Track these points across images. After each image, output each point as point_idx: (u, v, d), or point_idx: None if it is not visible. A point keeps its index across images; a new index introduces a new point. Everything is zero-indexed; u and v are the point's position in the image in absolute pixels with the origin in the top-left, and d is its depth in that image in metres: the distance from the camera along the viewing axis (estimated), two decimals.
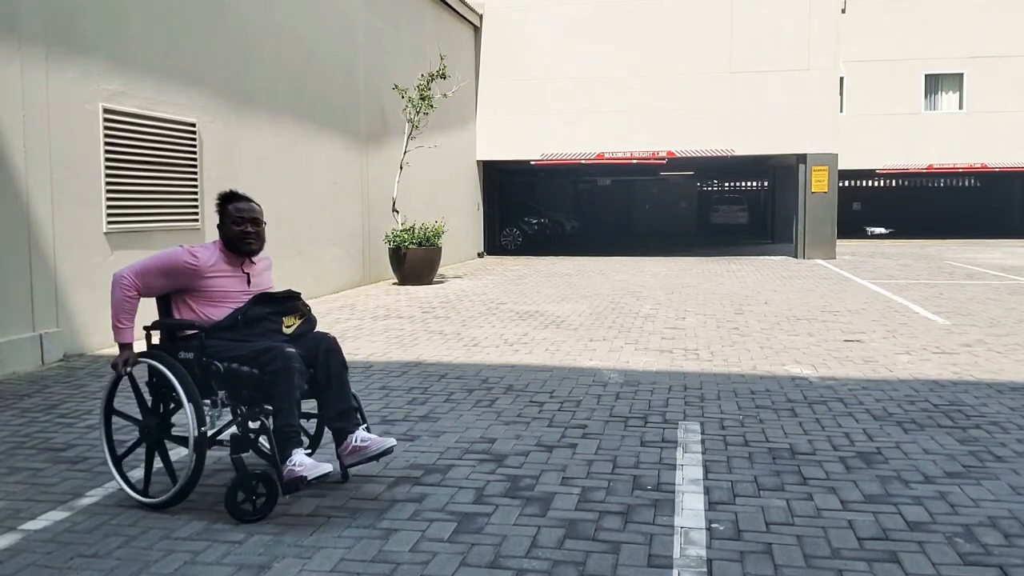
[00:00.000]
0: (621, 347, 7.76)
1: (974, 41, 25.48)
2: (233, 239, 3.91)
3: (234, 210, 3.93)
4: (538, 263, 18.52)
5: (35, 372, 6.83)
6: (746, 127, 19.00)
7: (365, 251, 13.84)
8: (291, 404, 3.57)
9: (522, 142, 20.08)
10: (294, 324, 3.88)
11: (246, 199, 4.01)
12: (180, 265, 3.82)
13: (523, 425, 5.07)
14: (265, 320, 3.81)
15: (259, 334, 3.76)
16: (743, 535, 3.37)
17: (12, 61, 6.82)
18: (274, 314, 3.85)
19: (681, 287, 13.08)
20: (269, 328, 3.79)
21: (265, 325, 3.80)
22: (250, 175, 10.26)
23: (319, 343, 3.84)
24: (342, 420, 3.78)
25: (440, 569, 3.08)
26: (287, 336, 3.81)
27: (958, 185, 34.46)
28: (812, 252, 19.01)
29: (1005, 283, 13.23)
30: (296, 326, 3.88)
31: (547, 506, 3.70)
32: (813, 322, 9.22)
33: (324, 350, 3.81)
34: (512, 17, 19.99)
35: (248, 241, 3.93)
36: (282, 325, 3.84)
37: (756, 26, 18.87)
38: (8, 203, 6.79)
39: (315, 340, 3.85)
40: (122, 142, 8.02)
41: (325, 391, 3.82)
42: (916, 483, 3.97)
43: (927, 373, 6.50)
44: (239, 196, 4.00)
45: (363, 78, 13.71)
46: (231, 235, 3.91)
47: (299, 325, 3.89)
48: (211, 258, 3.89)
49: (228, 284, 3.90)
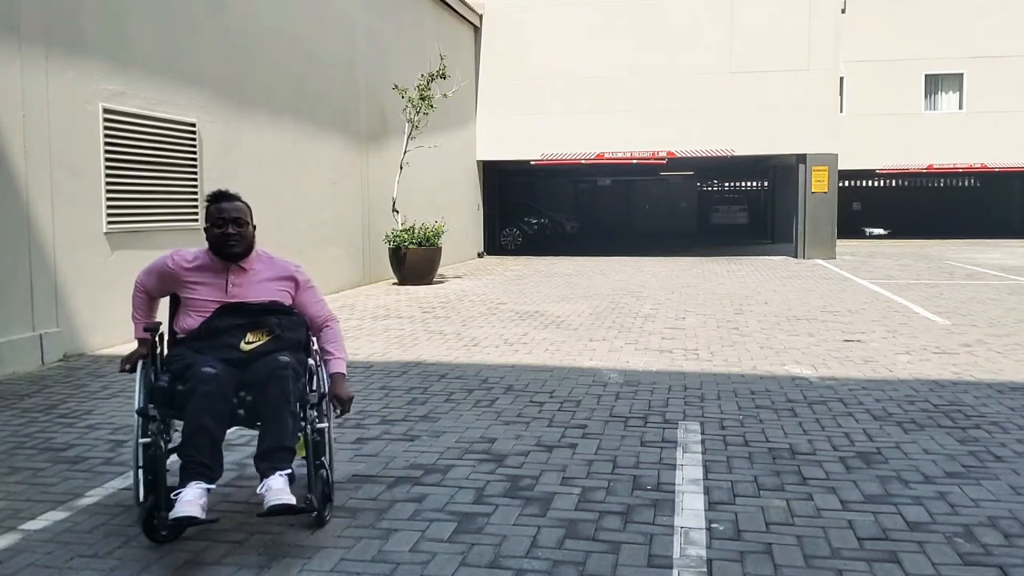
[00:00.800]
0: (621, 347, 7.76)
1: (974, 41, 25.47)
2: (213, 242, 3.61)
3: (216, 210, 3.62)
4: (538, 263, 18.52)
5: (35, 372, 6.83)
6: (746, 127, 19.00)
7: (365, 251, 13.84)
8: (195, 430, 3.20)
9: (522, 142, 20.08)
10: (256, 342, 3.48)
11: (232, 198, 3.68)
12: (161, 266, 3.67)
13: (523, 425, 5.07)
14: (226, 333, 3.48)
15: (217, 347, 3.45)
16: (743, 535, 3.37)
17: (12, 61, 6.82)
18: (237, 328, 3.50)
19: (681, 287, 13.08)
20: (228, 343, 3.47)
21: (225, 339, 3.48)
22: (250, 175, 10.26)
23: (267, 367, 3.39)
24: (263, 460, 3.29)
25: (440, 569, 3.08)
26: (243, 354, 3.45)
27: (958, 185, 34.46)
28: (812, 252, 19.01)
29: (1005, 283, 13.23)
30: (257, 344, 3.48)
31: (547, 506, 3.70)
32: (813, 322, 9.22)
33: (266, 375, 3.36)
34: (512, 17, 19.99)
35: (230, 244, 3.58)
36: (242, 341, 3.48)
37: (756, 26, 18.87)
38: (8, 203, 6.79)
39: (266, 363, 3.40)
40: (122, 142, 8.02)
41: (260, 423, 3.39)
42: (916, 483, 3.97)
43: (927, 373, 6.50)
44: (225, 195, 3.68)
45: (363, 78, 13.71)
46: (211, 238, 3.61)
47: (262, 343, 3.48)
48: (193, 263, 3.64)
49: (203, 292, 3.61)
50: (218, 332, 3.50)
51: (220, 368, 3.34)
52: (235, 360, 3.45)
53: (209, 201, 3.66)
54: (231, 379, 3.38)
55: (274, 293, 3.67)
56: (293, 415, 3.34)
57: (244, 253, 3.63)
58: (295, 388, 3.37)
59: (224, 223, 3.58)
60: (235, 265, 3.63)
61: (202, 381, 3.26)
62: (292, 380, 3.36)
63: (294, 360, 3.45)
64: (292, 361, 3.42)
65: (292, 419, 3.33)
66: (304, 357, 3.64)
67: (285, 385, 3.33)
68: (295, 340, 3.59)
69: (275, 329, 3.54)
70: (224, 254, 3.60)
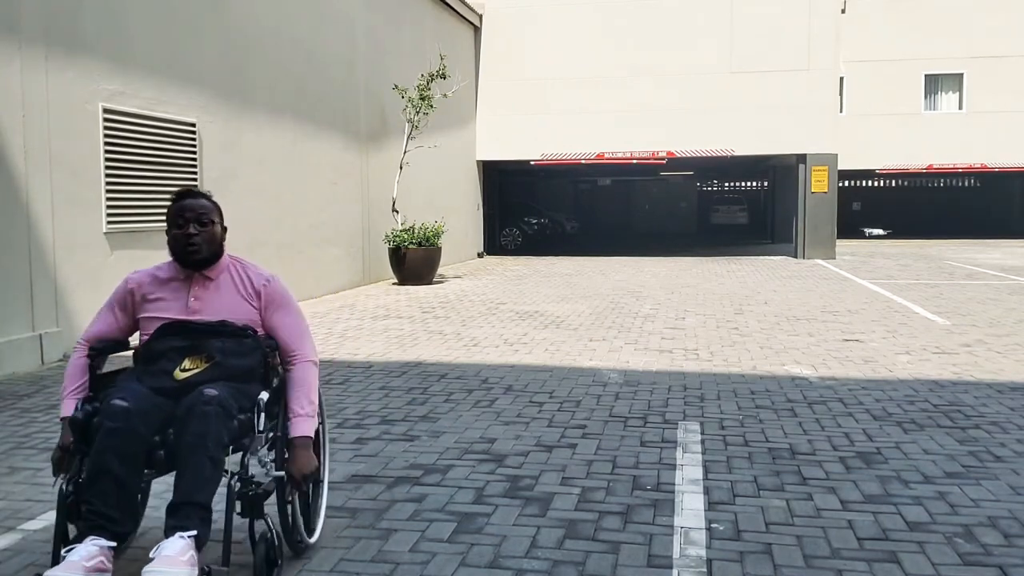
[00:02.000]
0: (621, 347, 7.76)
1: (974, 41, 25.48)
2: (173, 245, 3.08)
3: (176, 209, 3.10)
4: (538, 263, 18.52)
5: (35, 372, 6.83)
6: (746, 127, 19.00)
7: (365, 251, 13.84)
8: (97, 473, 2.66)
9: (522, 142, 20.08)
10: (193, 369, 2.92)
11: (197, 195, 3.16)
12: (120, 295, 3.12)
13: (523, 425, 5.07)
14: (164, 357, 2.94)
15: (154, 374, 2.93)
16: (743, 535, 3.37)
17: (12, 61, 6.82)
18: (176, 351, 2.95)
19: (681, 287, 13.08)
20: (164, 368, 2.93)
21: (163, 363, 2.94)
22: (250, 175, 10.26)
23: (189, 401, 2.79)
24: (169, 515, 2.67)
25: (440, 569, 3.08)
26: (176, 382, 2.90)
27: (958, 185, 34.46)
28: (812, 252, 19.02)
29: (1005, 283, 13.23)
30: (194, 372, 2.92)
31: (547, 506, 3.70)
32: (813, 322, 9.22)
33: (184, 411, 2.76)
34: (512, 17, 19.99)
35: (191, 246, 3.03)
36: (177, 367, 2.93)
37: (756, 26, 18.88)
38: (8, 203, 6.79)
39: (190, 397, 2.80)
40: (122, 142, 8.02)
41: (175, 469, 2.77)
42: (916, 483, 3.97)
43: (927, 373, 6.50)
44: (189, 192, 3.17)
45: (363, 78, 13.71)
46: (171, 241, 3.08)
47: (199, 371, 2.92)
48: (156, 274, 3.13)
49: (160, 308, 3.07)
50: (156, 356, 2.96)
51: (136, 400, 2.77)
52: (168, 389, 2.89)
53: (173, 199, 3.16)
54: (155, 413, 2.80)
55: (240, 310, 3.09)
56: (213, 462, 2.71)
57: (210, 259, 3.08)
58: (220, 429, 2.73)
59: (185, 223, 3.06)
60: (199, 275, 3.09)
61: (109, 416, 2.71)
62: (216, 419, 2.73)
63: (226, 394, 2.80)
64: (221, 395, 2.78)
65: (211, 467, 2.71)
66: (257, 388, 2.99)
67: (205, 424, 2.71)
68: (241, 368, 2.97)
69: (215, 354, 2.94)
70: (186, 260, 3.05)
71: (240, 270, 3.18)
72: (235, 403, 2.84)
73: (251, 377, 3.00)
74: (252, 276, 3.17)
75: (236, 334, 3.01)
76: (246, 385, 2.96)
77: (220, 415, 2.75)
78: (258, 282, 3.15)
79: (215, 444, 2.72)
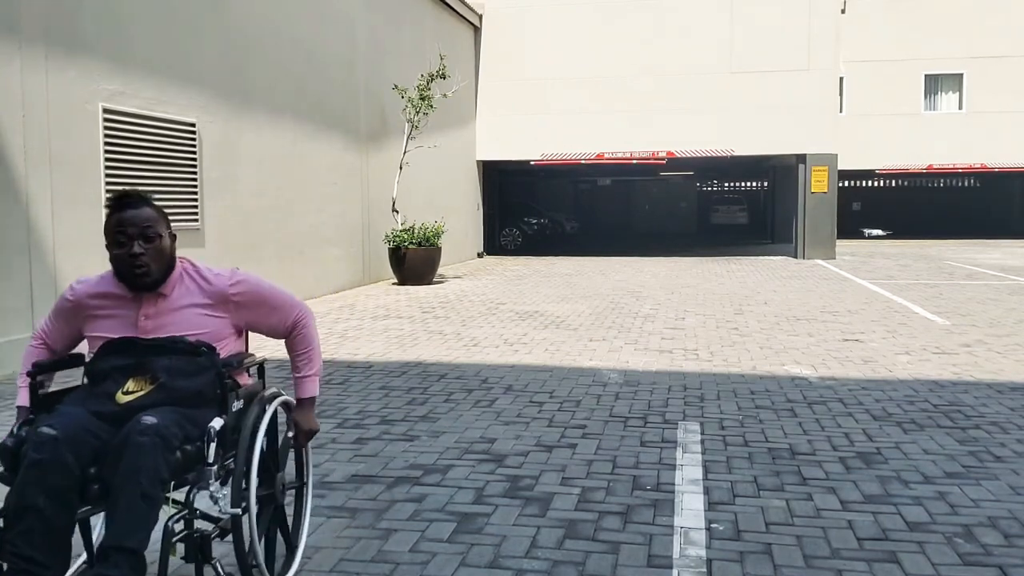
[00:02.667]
0: (621, 347, 7.76)
1: (974, 41, 25.48)
2: (117, 266, 2.70)
3: (115, 223, 2.66)
4: (538, 263, 18.52)
5: None
6: (746, 127, 19.00)
7: (365, 251, 13.84)
8: (21, 511, 2.33)
9: (522, 142, 20.08)
10: (136, 392, 2.61)
11: (138, 203, 2.70)
12: (61, 304, 2.82)
13: (523, 425, 5.07)
14: (108, 379, 2.64)
15: (97, 397, 2.62)
16: (743, 535, 3.37)
17: (12, 61, 6.82)
18: (120, 371, 2.64)
19: (681, 287, 13.08)
20: (107, 391, 2.62)
21: (106, 386, 2.63)
22: (250, 175, 10.26)
23: (125, 430, 2.45)
24: (97, 561, 2.37)
25: (440, 569, 3.08)
26: (118, 406, 2.58)
27: (958, 185, 34.47)
28: (812, 252, 19.02)
29: (1005, 283, 13.23)
30: (137, 395, 2.60)
31: (547, 506, 3.70)
32: (813, 322, 9.22)
33: (119, 441, 2.43)
34: (512, 17, 19.99)
35: (138, 269, 2.66)
36: (120, 389, 2.61)
37: (756, 26, 18.88)
38: (8, 203, 6.79)
39: (127, 426, 2.46)
40: (122, 142, 8.02)
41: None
42: (916, 483, 3.97)
43: (927, 373, 6.50)
44: (128, 200, 2.70)
45: (363, 78, 13.71)
46: (113, 260, 2.70)
47: (142, 394, 2.60)
48: (98, 287, 2.77)
49: (108, 327, 2.74)
50: (99, 376, 2.66)
51: (67, 427, 2.43)
52: (109, 414, 2.56)
53: (108, 208, 2.71)
54: (89, 441, 2.45)
55: (202, 324, 2.77)
56: (148, 500, 2.36)
57: (159, 279, 2.72)
58: (157, 462, 2.38)
59: (128, 240, 2.65)
60: (149, 292, 2.74)
61: (34, 446, 2.38)
62: (153, 451, 2.38)
63: (168, 421, 2.47)
64: (161, 423, 2.44)
65: (145, 506, 2.36)
66: (209, 414, 2.64)
67: (139, 457, 2.36)
68: (190, 391, 2.64)
69: (159, 375, 2.62)
70: (134, 284, 2.70)
71: (197, 277, 2.81)
72: (179, 431, 2.49)
73: (201, 401, 2.66)
74: (213, 281, 2.81)
75: (187, 351, 2.68)
76: (195, 410, 2.62)
77: (158, 446, 2.39)
78: (221, 285, 2.81)
79: (150, 480, 2.36)
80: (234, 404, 2.73)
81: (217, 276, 2.83)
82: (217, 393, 2.68)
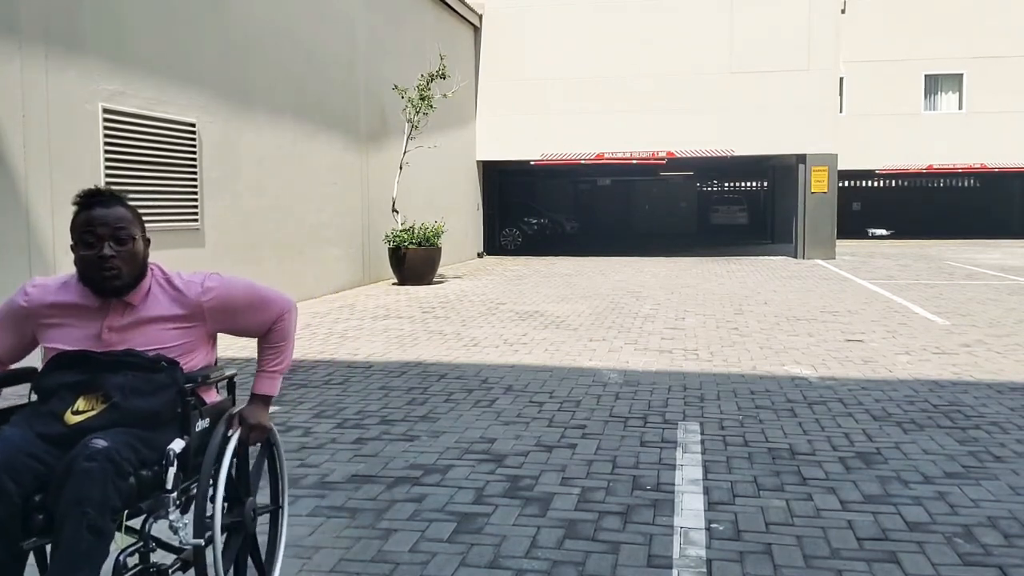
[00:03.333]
0: (621, 347, 7.76)
1: (974, 41, 25.48)
2: (83, 269, 2.46)
3: (84, 220, 2.43)
4: (538, 263, 18.52)
5: None
6: (746, 127, 19.00)
7: (365, 251, 13.84)
8: None
9: (522, 142, 20.08)
10: (87, 411, 2.35)
11: (111, 201, 2.47)
12: (11, 306, 2.55)
13: (523, 425, 5.07)
14: (56, 396, 2.39)
15: (43, 417, 2.37)
16: (743, 535, 3.37)
17: (12, 61, 6.82)
18: (68, 389, 2.39)
19: (681, 287, 13.08)
20: (54, 410, 2.37)
21: (54, 404, 2.38)
22: (250, 175, 10.26)
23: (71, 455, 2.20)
24: None
25: (440, 569, 3.08)
26: (67, 427, 2.32)
27: (958, 185, 34.46)
28: (812, 252, 19.02)
29: (1005, 283, 13.23)
30: (87, 416, 2.34)
31: (547, 506, 3.70)
32: (813, 322, 9.22)
33: (64, 468, 2.18)
34: (512, 17, 19.99)
35: (107, 272, 2.42)
36: (69, 409, 2.36)
37: (756, 26, 18.88)
38: (8, 203, 6.79)
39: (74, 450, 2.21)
40: (122, 142, 8.02)
41: None
42: (915, 483, 3.97)
43: (927, 373, 6.50)
44: (99, 197, 2.47)
45: (363, 78, 13.71)
46: (79, 262, 2.46)
47: (93, 415, 2.34)
48: (58, 295, 2.52)
49: (65, 339, 2.48)
50: (47, 393, 2.41)
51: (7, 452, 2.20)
52: (56, 436, 2.30)
53: (77, 206, 2.47)
54: (31, 467, 2.21)
55: (168, 337, 2.53)
56: (95, 533, 2.12)
57: (130, 284, 2.47)
58: (106, 490, 2.14)
59: (98, 241, 2.42)
60: (117, 301, 2.49)
61: None
62: (102, 478, 2.14)
63: (120, 444, 2.23)
64: (111, 447, 2.19)
65: (91, 540, 2.12)
66: (168, 436, 2.39)
67: (86, 486, 2.12)
68: (147, 411, 2.38)
69: (112, 393, 2.36)
70: (102, 288, 2.45)
71: (167, 286, 2.57)
72: (133, 456, 2.25)
73: (159, 421, 2.41)
74: (184, 289, 2.57)
75: (144, 367, 2.43)
76: (153, 432, 2.37)
77: (107, 472, 2.15)
78: (192, 293, 2.57)
79: (98, 510, 2.12)
80: (198, 424, 2.49)
81: (189, 283, 2.58)
82: (178, 412, 2.44)
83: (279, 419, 5.22)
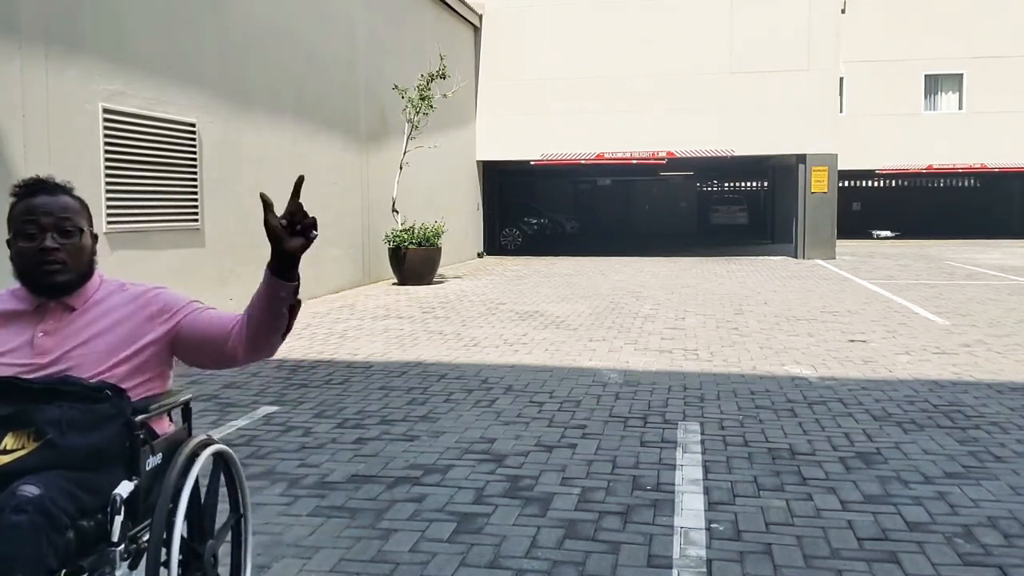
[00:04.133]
0: (621, 347, 7.76)
1: (974, 41, 25.48)
2: (20, 263, 2.16)
3: (24, 210, 2.15)
4: (538, 263, 18.52)
5: None
6: (746, 127, 19.00)
7: (365, 251, 13.84)
8: None
9: (522, 142, 20.08)
10: (16, 450, 1.95)
11: (55, 189, 2.19)
12: None
13: (523, 425, 5.07)
14: None
15: None
16: (743, 535, 3.37)
17: (12, 61, 6.82)
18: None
19: (681, 287, 13.08)
20: None
21: None
22: (250, 175, 10.26)
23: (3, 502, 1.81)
24: None
25: (440, 569, 3.08)
26: None
27: (958, 185, 34.45)
28: (812, 252, 19.02)
29: (1005, 283, 13.23)
30: (16, 456, 1.94)
31: (547, 506, 3.70)
32: (813, 322, 9.22)
33: None
34: (512, 17, 19.99)
35: (49, 266, 2.13)
36: None
37: (756, 26, 18.88)
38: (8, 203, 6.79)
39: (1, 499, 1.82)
40: (122, 142, 8.02)
41: None
42: (916, 483, 3.97)
43: (927, 373, 6.50)
44: (42, 185, 2.19)
45: (363, 78, 13.71)
46: (17, 256, 2.16)
47: (24, 455, 1.95)
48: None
49: None
50: None
51: None
52: None
53: (16, 196, 2.18)
54: None
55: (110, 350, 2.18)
56: None
57: (74, 282, 2.18)
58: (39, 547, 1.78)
59: (39, 231, 2.13)
60: (56, 303, 2.18)
61: None
62: (34, 535, 1.78)
63: (55, 492, 1.86)
64: (44, 495, 1.83)
65: None
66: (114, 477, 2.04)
67: (15, 544, 1.76)
68: (88, 449, 2.00)
69: (46, 429, 1.97)
70: (40, 283, 2.14)
71: (116, 295, 2.27)
72: (70, 504, 1.89)
73: (103, 460, 2.03)
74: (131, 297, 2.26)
75: (84, 396, 2.04)
76: (95, 474, 2.01)
77: (38, 527, 1.79)
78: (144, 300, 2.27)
79: (29, 572, 1.76)
80: (149, 461, 2.13)
81: (140, 289, 2.30)
82: (126, 448, 2.07)
83: (279, 419, 5.22)
